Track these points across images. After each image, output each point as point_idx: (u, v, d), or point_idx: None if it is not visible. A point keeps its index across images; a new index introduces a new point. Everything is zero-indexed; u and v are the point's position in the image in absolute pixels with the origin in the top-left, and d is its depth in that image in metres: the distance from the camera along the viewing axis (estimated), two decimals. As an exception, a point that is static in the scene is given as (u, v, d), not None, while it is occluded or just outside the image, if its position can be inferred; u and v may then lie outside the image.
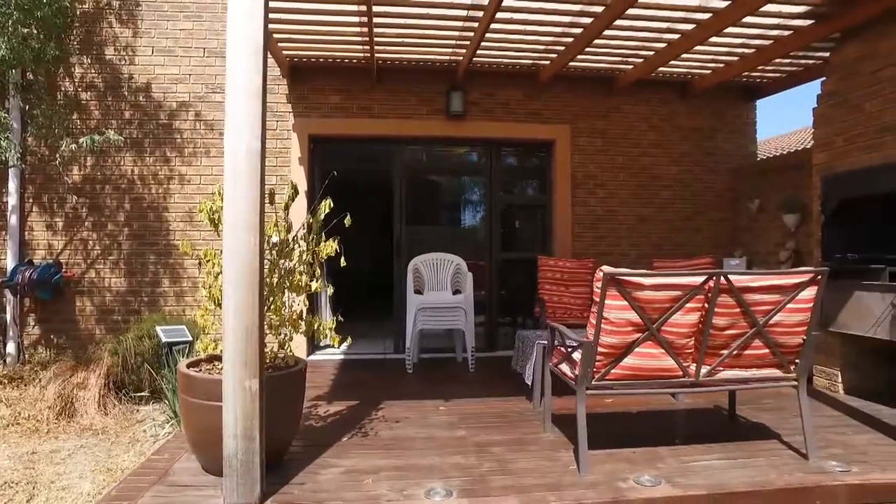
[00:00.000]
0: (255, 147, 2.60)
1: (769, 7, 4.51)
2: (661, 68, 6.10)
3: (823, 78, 4.84)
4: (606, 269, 2.76)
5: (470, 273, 5.86)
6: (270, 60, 5.84)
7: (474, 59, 5.81)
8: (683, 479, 2.86)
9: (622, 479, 2.84)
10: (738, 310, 2.91)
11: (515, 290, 6.78)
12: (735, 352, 3.01)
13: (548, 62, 6.00)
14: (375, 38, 5.24)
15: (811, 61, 5.75)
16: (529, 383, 4.27)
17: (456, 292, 5.93)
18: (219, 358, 3.01)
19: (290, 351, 3.35)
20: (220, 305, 2.82)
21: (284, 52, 5.72)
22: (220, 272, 2.89)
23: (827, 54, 5.05)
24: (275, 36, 5.19)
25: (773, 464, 3.07)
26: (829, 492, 2.80)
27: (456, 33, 5.30)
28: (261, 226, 2.62)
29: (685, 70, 6.26)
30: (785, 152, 7.31)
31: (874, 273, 4.14)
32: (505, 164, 6.94)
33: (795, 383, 3.13)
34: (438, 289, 6.04)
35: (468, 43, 5.45)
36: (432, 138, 6.60)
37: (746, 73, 6.31)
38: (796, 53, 5.61)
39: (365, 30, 5.06)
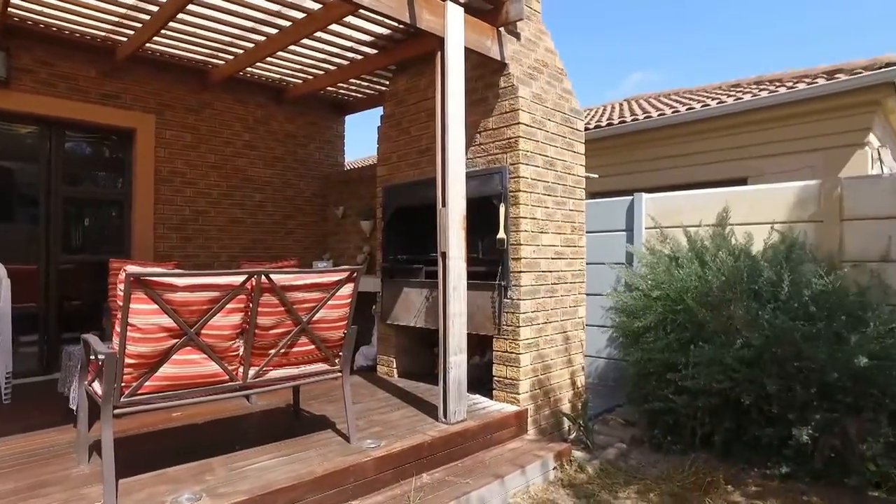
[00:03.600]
0: None
1: (341, 29, 4.92)
2: (255, 70, 6.08)
3: (389, 101, 5.55)
4: (131, 268, 2.43)
5: (8, 280, 4.65)
6: None
7: (17, 11, 4.67)
8: (229, 487, 2.74)
9: (156, 505, 2.56)
10: (282, 308, 2.95)
11: (85, 299, 5.75)
12: (283, 350, 3.06)
13: (124, 38, 5.27)
14: None
15: (383, 87, 6.55)
16: (74, 408, 3.57)
17: (-10, 304, 4.64)
18: None
19: None
20: None
21: None
22: None
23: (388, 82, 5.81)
24: None
25: (321, 453, 3.23)
26: (361, 468, 3.08)
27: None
28: None
29: (279, 76, 6.35)
30: (364, 165, 8.20)
31: (416, 272, 4.90)
32: (71, 151, 5.81)
33: (340, 374, 3.37)
34: (-39, 301, 4.62)
35: (4, -11, 4.33)
36: (-43, 106, 5.06)
37: (334, 89, 6.81)
38: (370, 78, 6.32)
39: None
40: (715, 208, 5.03)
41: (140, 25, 4.96)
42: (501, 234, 4.15)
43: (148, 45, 5.32)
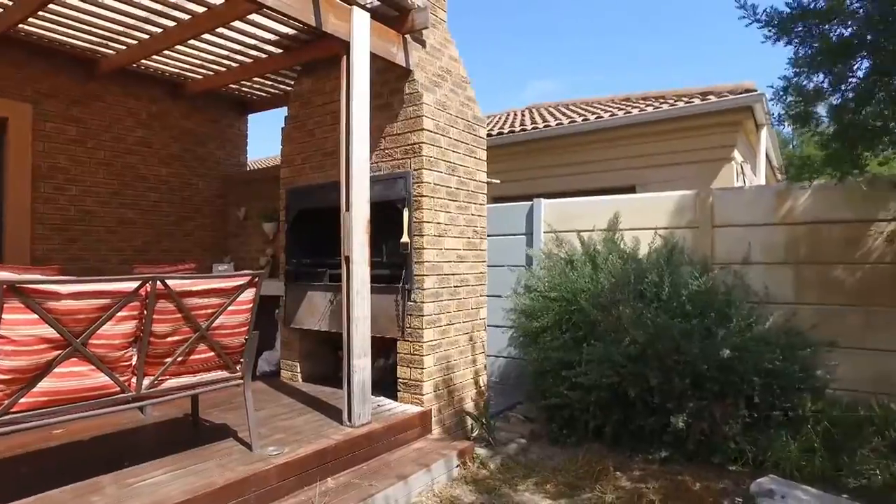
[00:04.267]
0: None
1: (244, 26, 4.77)
2: (150, 62, 5.74)
3: (294, 102, 5.45)
4: (3, 275, 2.26)
5: None
6: None
7: None
8: (118, 506, 2.62)
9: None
10: (179, 315, 2.85)
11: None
12: (180, 358, 2.95)
13: (-7, 18, 4.80)
14: None
15: (288, 87, 6.42)
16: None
17: None
18: None
19: None
20: None
21: None
22: None
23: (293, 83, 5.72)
24: None
25: (221, 463, 3.14)
26: (263, 476, 3.04)
27: None
28: None
29: (177, 70, 6.04)
30: (268, 166, 7.99)
31: (320, 275, 4.87)
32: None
33: (241, 381, 3.30)
34: None
35: None
36: None
37: (236, 87, 6.58)
38: (275, 77, 6.18)
39: None
40: (607, 214, 5.40)
41: (10, 3, 4.55)
42: (405, 238, 4.22)
43: (22, 26, 4.89)
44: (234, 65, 5.75)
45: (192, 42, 5.11)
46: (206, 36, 4.95)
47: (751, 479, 3.58)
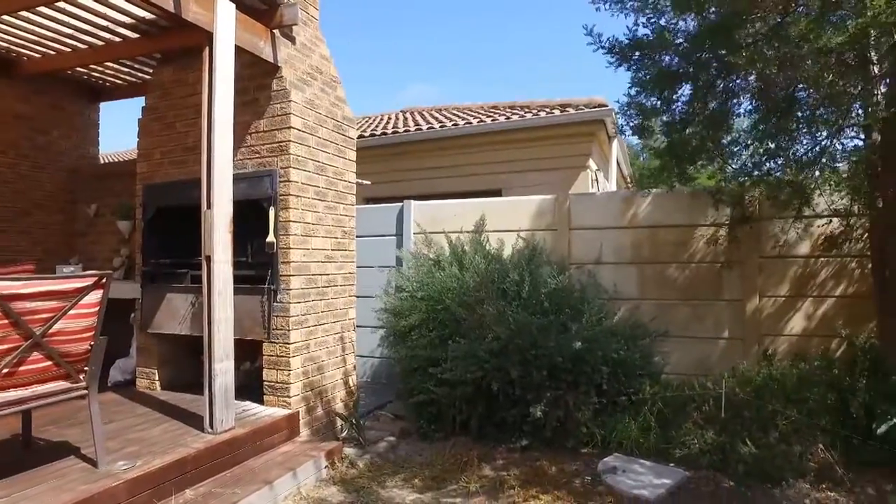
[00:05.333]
0: None
1: (92, 4, 4.38)
2: (-28, 36, 5.07)
3: (153, 92, 5.08)
4: None
5: None
6: None
7: None
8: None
9: None
10: (6, 321, 2.58)
11: None
12: (6, 370, 2.66)
13: None
14: None
15: (147, 76, 5.98)
16: None
17: None
18: None
19: None
20: None
21: None
22: None
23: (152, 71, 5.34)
24: None
25: (59, 485, 2.86)
26: (111, 494, 2.83)
27: None
28: None
29: (6, 45, 5.37)
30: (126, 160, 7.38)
31: (180, 276, 4.61)
32: None
33: (86, 391, 3.05)
34: None
35: None
36: None
37: (85, 71, 6.01)
38: (132, 64, 5.73)
39: None
40: (474, 217, 5.65)
41: None
42: (271, 238, 4.13)
43: None
44: (80, 46, 5.23)
45: (25, 14, 4.57)
46: (44, 9, 4.46)
47: (599, 459, 3.94)
